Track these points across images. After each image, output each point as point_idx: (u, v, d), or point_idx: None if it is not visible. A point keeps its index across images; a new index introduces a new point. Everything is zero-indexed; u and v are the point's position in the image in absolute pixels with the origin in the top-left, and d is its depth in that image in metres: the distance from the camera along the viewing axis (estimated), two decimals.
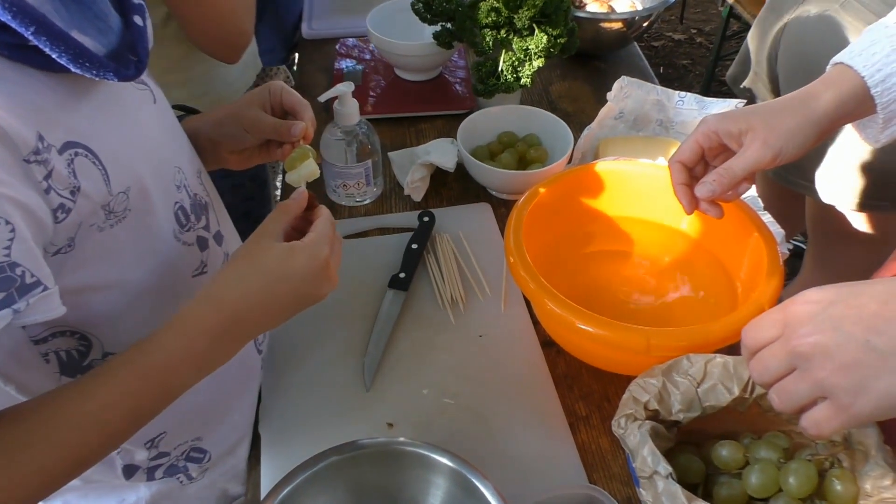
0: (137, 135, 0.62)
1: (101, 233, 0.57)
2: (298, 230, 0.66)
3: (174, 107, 0.79)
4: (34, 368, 0.62)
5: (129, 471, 0.74)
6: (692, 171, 0.77)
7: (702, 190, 0.74)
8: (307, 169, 0.72)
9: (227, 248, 0.75)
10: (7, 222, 0.47)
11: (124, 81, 0.55)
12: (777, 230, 0.88)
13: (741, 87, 1.32)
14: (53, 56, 0.49)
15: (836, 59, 0.72)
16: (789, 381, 0.51)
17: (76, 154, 0.53)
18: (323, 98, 0.97)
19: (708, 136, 0.74)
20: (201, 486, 0.81)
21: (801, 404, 0.51)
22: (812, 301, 0.51)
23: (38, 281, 0.49)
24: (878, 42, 0.70)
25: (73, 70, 0.51)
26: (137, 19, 0.58)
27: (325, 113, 1.22)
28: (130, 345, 0.58)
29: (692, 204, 0.76)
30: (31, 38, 0.48)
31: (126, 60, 0.56)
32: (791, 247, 0.93)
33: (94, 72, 0.52)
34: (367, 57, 1.37)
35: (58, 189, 0.51)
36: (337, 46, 1.40)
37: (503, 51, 1.11)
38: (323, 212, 0.66)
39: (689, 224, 0.92)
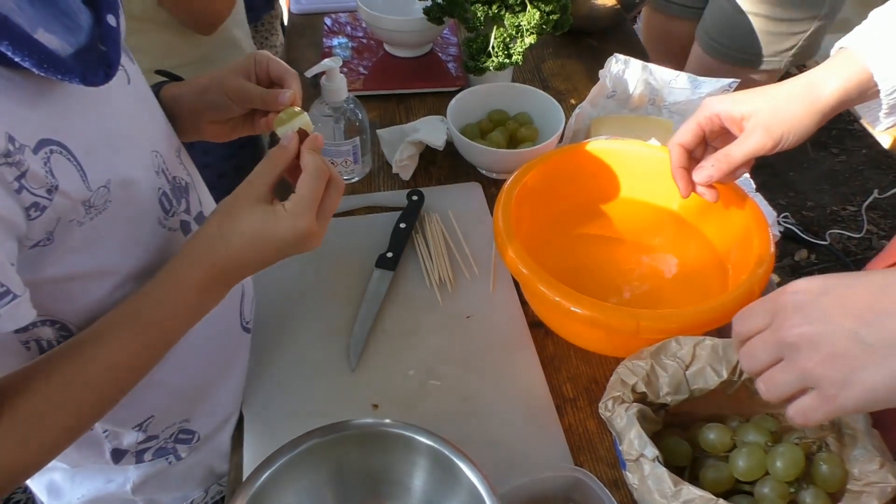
0: (112, 124, 0.59)
1: (81, 226, 0.56)
2: (294, 177, 0.64)
3: (157, 72, 0.77)
4: (15, 355, 0.61)
5: (118, 455, 0.73)
6: (692, 153, 0.76)
7: (700, 175, 0.74)
8: (301, 121, 0.68)
9: None
10: None
11: (91, 87, 0.52)
12: (769, 211, 0.87)
13: None
14: (16, 60, 0.47)
15: (841, 42, 0.71)
16: (777, 371, 0.51)
17: (51, 152, 0.51)
18: (310, 73, 0.95)
19: (710, 119, 0.73)
20: (188, 464, 0.80)
21: (788, 394, 0.51)
22: (802, 291, 0.51)
23: (7, 290, 0.48)
24: (884, 28, 0.68)
25: (36, 73, 0.49)
26: (111, 18, 0.55)
27: (313, 89, 1.20)
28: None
29: (689, 188, 0.76)
30: None
31: (95, 59, 0.53)
32: (782, 229, 0.92)
33: (60, 76, 0.50)
34: (357, 32, 1.35)
35: (31, 188, 0.50)
36: (326, 21, 1.37)
37: (495, 27, 1.09)
38: (309, 164, 0.62)
39: (680, 205, 0.91)
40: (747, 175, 1.00)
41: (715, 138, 0.76)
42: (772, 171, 2.36)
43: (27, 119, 0.50)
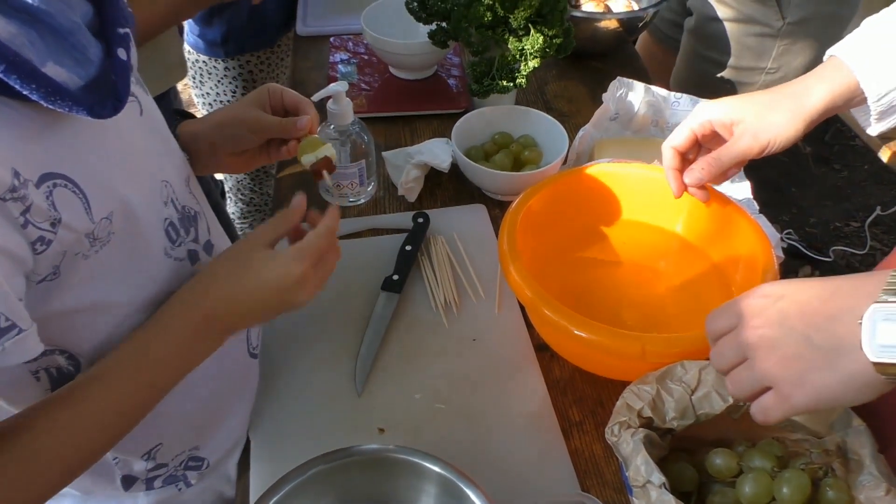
0: (121, 155, 0.60)
1: (87, 260, 0.56)
2: (294, 239, 0.68)
3: (174, 111, 0.78)
4: (26, 386, 0.61)
5: (128, 482, 0.73)
6: (685, 155, 0.80)
7: (690, 177, 0.78)
8: (326, 151, 0.75)
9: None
10: None
11: (99, 119, 0.53)
12: (772, 233, 0.87)
13: None
14: (25, 93, 0.48)
15: (832, 50, 0.74)
16: (740, 370, 0.54)
17: (55, 185, 0.52)
18: (316, 97, 0.95)
19: (702, 124, 0.77)
20: (197, 490, 0.80)
21: (751, 392, 0.54)
22: (765, 295, 0.53)
23: (13, 324, 0.49)
24: (874, 36, 0.71)
25: (45, 106, 0.49)
26: (121, 52, 0.56)
27: (319, 112, 1.21)
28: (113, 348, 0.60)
29: (680, 188, 0.80)
30: (1, 75, 0.46)
31: (105, 92, 0.53)
32: (786, 245, 0.93)
33: (67, 108, 0.50)
34: (362, 55, 1.36)
35: (36, 222, 0.50)
36: (331, 43, 1.39)
37: (498, 51, 1.10)
38: (323, 222, 0.67)
39: (684, 227, 0.91)
40: (751, 197, 1.01)
41: (707, 141, 0.79)
42: (774, 187, 2.36)
43: (32, 153, 0.51)
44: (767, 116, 0.73)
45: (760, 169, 1.30)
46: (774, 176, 2.40)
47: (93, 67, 0.53)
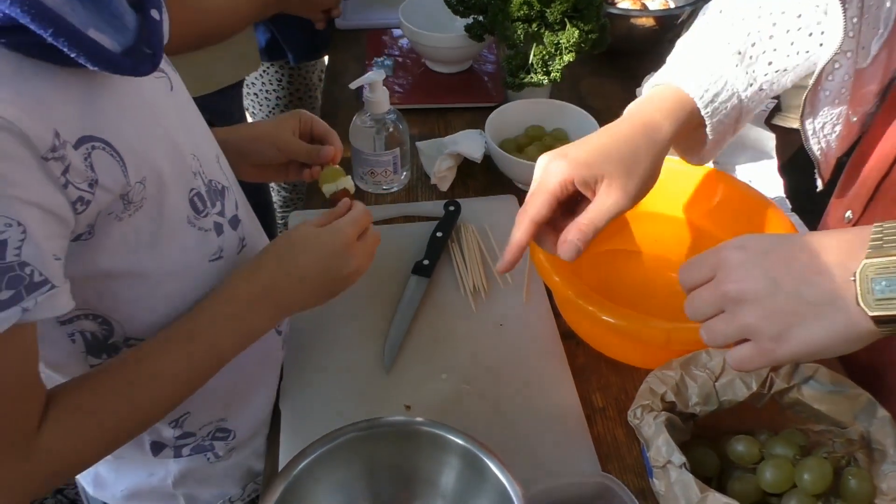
0: (154, 124, 0.63)
1: (121, 222, 0.59)
2: None
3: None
4: (61, 347, 0.65)
5: (157, 447, 0.77)
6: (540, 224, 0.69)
7: (567, 252, 0.67)
8: (345, 183, 0.84)
9: (242, 233, 0.75)
10: (20, 224, 0.49)
11: (141, 76, 0.56)
12: (804, 231, 0.87)
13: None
14: (72, 56, 0.50)
15: (654, 80, 0.74)
16: (718, 322, 0.54)
17: (93, 148, 0.54)
18: (354, 85, 0.98)
19: (564, 186, 0.66)
20: (228, 464, 0.83)
21: (726, 343, 0.55)
22: (744, 247, 0.54)
23: (45, 279, 0.52)
24: (685, 50, 0.74)
25: (90, 68, 0.52)
26: (154, 13, 0.59)
27: (356, 100, 1.24)
28: (150, 329, 0.66)
29: (513, 264, 0.69)
30: (49, 39, 0.49)
31: (142, 56, 0.56)
32: None
33: (113, 69, 0.53)
34: (399, 48, 1.39)
35: (76, 182, 0.53)
36: (369, 37, 1.41)
37: (534, 44, 1.12)
38: (358, 204, 0.77)
39: (712, 220, 0.92)
40: (783, 195, 1.01)
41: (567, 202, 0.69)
42: (808, 195, 2.33)
43: (73, 116, 0.53)
44: (631, 167, 0.67)
45: (795, 175, 1.30)
46: (811, 185, 2.36)
47: (130, 34, 0.55)
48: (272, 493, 0.61)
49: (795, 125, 1.75)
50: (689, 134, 0.75)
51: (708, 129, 0.72)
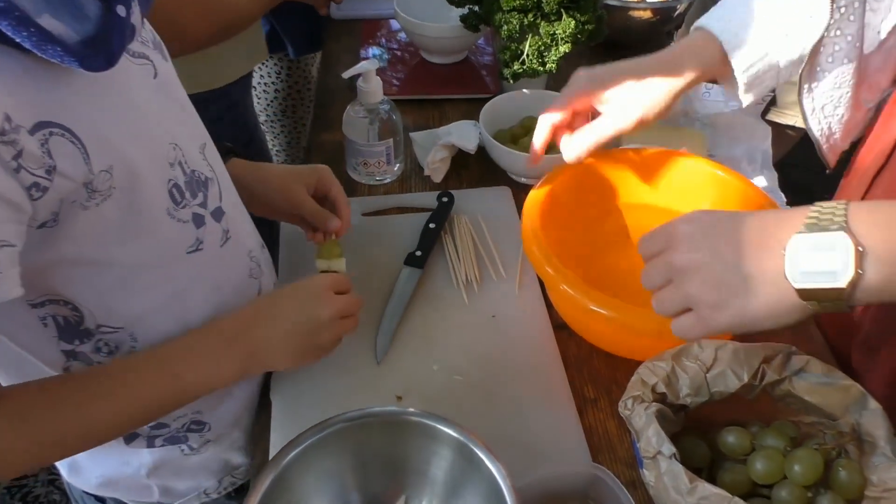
0: (124, 112, 0.61)
1: (87, 210, 0.58)
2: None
3: (224, 144, 0.82)
4: (33, 330, 0.65)
5: (130, 436, 0.76)
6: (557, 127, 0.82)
7: (569, 154, 0.81)
8: (338, 266, 0.85)
9: (226, 225, 0.74)
10: None
11: (91, 72, 0.54)
12: None
13: None
14: (17, 40, 0.49)
15: (700, 22, 0.77)
16: (665, 292, 0.58)
17: (51, 134, 0.53)
18: (347, 74, 0.98)
19: (580, 96, 0.79)
20: (204, 456, 0.82)
21: (672, 312, 0.58)
22: (695, 221, 0.57)
23: None
24: (740, 8, 0.75)
25: (37, 54, 0.50)
26: (120, 9, 0.56)
27: (349, 90, 1.23)
28: (123, 318, 0.67)
29: (539, 157, 0.83)
30: None
31: (98, 48, 0.54)
32: None
33: (59, 58, 0.51)
34: (394, 38, 1.38)
35: (30, 168, 0.52)
36: (364, 27, 1.41)
37: (530, 35, 1.11)
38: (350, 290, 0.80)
39: None
40: (776, 186, 1.01)
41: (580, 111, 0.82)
42: (806, 192, 2.33)
43: (27, 101, 0.52)
44: (643, 91, 0.76)
45: (792, 171, 1.30)
46: (807, 181, 2.36)
47: (90, 24, 0.53)
48: (262, 483, 0.61)
49: (791, 121, 1.76)
50: (723, 74, 0.78)
51: (741, 90, 0.76)
